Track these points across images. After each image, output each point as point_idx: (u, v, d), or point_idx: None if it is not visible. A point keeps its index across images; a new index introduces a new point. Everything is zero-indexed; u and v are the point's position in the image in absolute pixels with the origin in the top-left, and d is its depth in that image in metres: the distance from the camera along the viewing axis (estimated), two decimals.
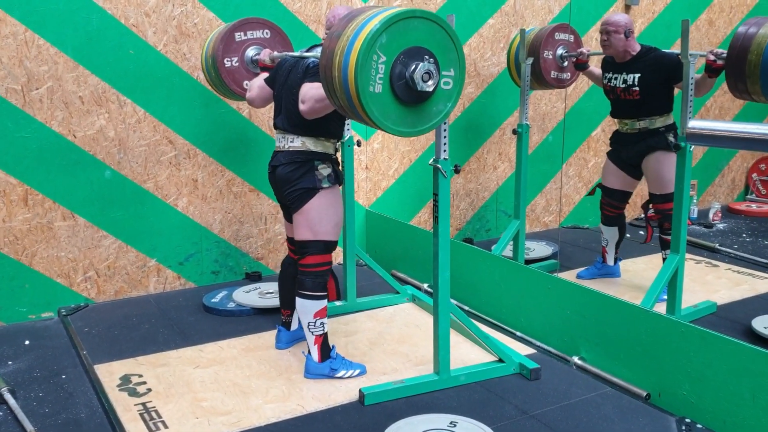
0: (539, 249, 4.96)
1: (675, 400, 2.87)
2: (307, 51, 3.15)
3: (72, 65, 3.92)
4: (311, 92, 2.91)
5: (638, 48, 3.93)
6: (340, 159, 3.64)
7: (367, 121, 2.50)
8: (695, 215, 5.77)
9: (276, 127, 3.20)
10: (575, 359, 3.32)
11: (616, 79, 3.99)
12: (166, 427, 2.78)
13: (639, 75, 3.87)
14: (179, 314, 4.00)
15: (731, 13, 6.29)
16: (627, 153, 4.05)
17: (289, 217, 3.28)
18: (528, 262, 4.52)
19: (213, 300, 4.09)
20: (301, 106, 2.95)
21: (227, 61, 3.66)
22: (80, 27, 3.91)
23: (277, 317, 3.85)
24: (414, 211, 5.20)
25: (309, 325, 3.12)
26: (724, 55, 3.38)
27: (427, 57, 2.45)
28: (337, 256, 4.88)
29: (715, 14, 6.19)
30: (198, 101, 4.29)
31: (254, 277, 4.58)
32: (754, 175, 6.66)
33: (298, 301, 3.13)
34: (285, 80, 3.14)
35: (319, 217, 3.08)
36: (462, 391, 3.07)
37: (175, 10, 4.14)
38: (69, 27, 3.88)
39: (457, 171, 2.98)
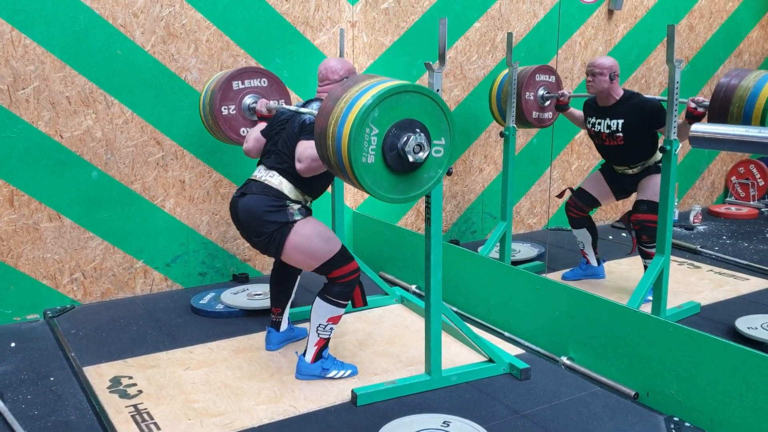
0: (525, 250, 5.00)
1: (663, 399, 2.92)
2: (303, 106, 3.16)
3: (59, 65, 3.89)
4: (308, 152, 2.95)
5: (621, 93, 3.99)
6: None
7: (359, 188, 2.57)
8: (676, 217, 5.86)
9: (262, 164, 3.19)
10: (564, 359, 3.36)
11: (599, 124, 4.04)
12: (158, 428, 2.77)
13: (622, 121, 3.92)
14: (167, 316, 3.99)
15: (711, 18, 6.40)
16: (622, 183, 4.13)
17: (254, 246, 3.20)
18: (514, 263, 4.56)
19: (201, 302, 4.08)
20: (298, 165, 2.99)
21: (224, 109, 3.71)
22: (67, 27, 3.88)
23: (266, 319, 3.86)
24: (401, 212, 5.22)
25: (319, 326, 3.11)
26: (705, 103, 3.46)
27: (418, 130, 2.53)
28: None
29: (696, 20, 6.29)
30: (186, 102, 4.27)
31: (241, 278, 4.57)
32: (733, 178, 6.78)
33: (319, 301, 3.10)
34: (280, 130, 3.17)
35: (309, 245, 3.04)
36: (453, 391, 3.09)
37: (163, 11, 4.13)
38: (56, 27, 3.85)
39: (449, 173, 3.00)
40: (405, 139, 2.50)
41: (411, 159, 2.51)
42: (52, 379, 3.23)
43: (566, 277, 4.36)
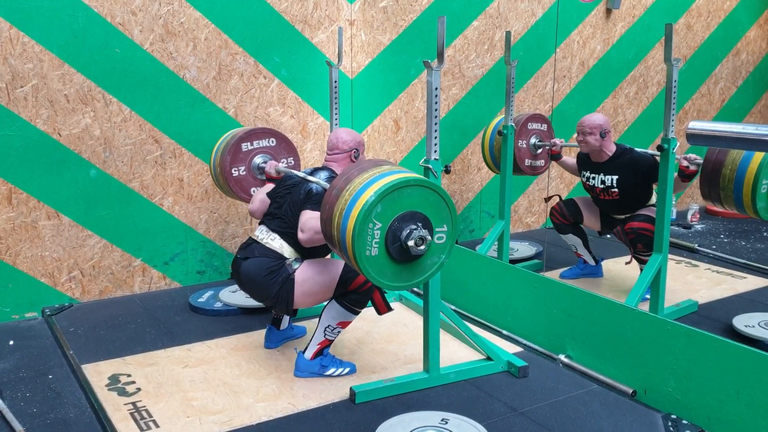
0: (523, 249, 5.01)
1: (661, 396, 2.93)
2: (311, 174, 3.19)
3: (57, 63, 3.89)
4: (311, 222, 2.97)
5: (614, 149, 3.98)
6: None
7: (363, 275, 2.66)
8: (674, 216, 5.87)
9: (264, 225, 3.20)
10: (562, 357, 3.37)
11: (594, 178, 4.04)
12: (157, 426, 2.77)
13: (617, 177, 3.92)
14: (166, 314, 3.99)
15: (709, 17, 6.40)
16: (616, 222, 4.11)
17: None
18: (512, 262, 4.57)
19: (200, 300, 4.08)
20: (301, 235, 3.00)
21: (235, 170, 3.80)
22: (66, 25, 3.88)
23: (264, 317, 3.86)
24: None
25: (327, 327, 3.12)
26: (698, 161, 3.51)
27: (420, 223, 2.59)
28: None
29: (693, 19, 6.30)
30: (184, 100, 4.27)
31: None
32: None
33: (334, 304, 3.09)
34: (286, 194, 3.19)
35: (315, 285, 3.06)
36: (451, 388, 3.10)
37: (161, 9, 4.13)
38: (54, 25, 3.85)
39: (447, 171, 3.01)
40: (407, 232, 2.57)
41: (413, 252, 2.58)
42: (50, 376, 3.23)
43: (564, 276, 4.37)
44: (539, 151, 4.56)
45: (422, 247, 2.58)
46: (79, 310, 4.05)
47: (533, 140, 4.53)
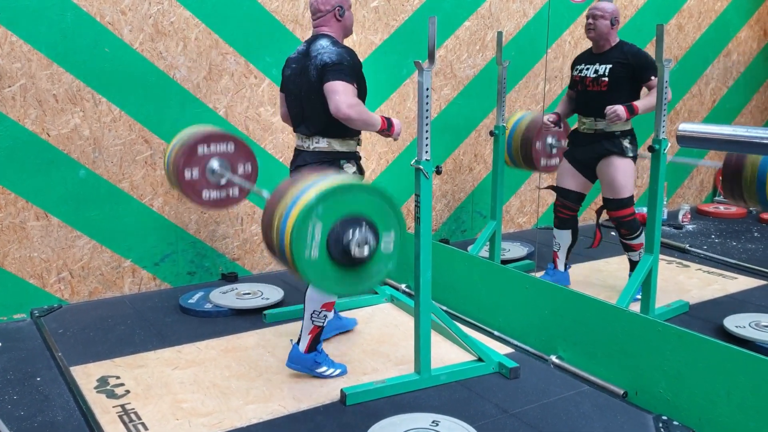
0: (514, 249, 5.01)
1: (652, 398, 2.92)
2: (309, 45, 3.11)
3: (46, 63, 3.86)
4: (338, 97, 2.91)
5: (617, 40, 3.96)
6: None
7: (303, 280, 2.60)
8: (665, 216, 5.88)
9: (299, 132, 3.20)
10: (553, 358, 3.36)
11: (587, 69, 4.00)
12: (146, 428, 2.75)
13: (610, 66, 3.89)
14: (155, 315, 3.96)
15: (700, 18, 6.42)
16: (583, 154, 4.05)
17: None
18: (504, 262, 4.56)
19: (190, 301, 4.06)
20: (343, 111, 2.92)
21: (187, 171, 3.55)
22: (54, 24, 3.85)
23: (255, 317, 3.85)
24: None
25: (313, 313, 3.09)
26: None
27: (365, 227, 2.48)
28: None
29: (685, 19, 6.31)
30: (174, 100, 4.25)
31: (230, 278, 4.55)
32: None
33: (312, 288, 3.09)
34: (298, 84, 3.12)
35: None
36: (443, 390, 3.09)
37: (151, 9, 4.10)
38: (43, 24, 3.82)
39: (438, 172, 3.00)
40: (350, 234, 2.46)
41: (355, 254, 2.47)
42: (38, 379, 3.21)
43: None
44: (554, 150, 4.53)
45: (366, 252, 2.49)
46: (68, 311, 4.02)
47: (549, 140, 4.50)
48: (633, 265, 4.01)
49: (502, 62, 4.42)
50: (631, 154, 3.91)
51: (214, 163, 3.59)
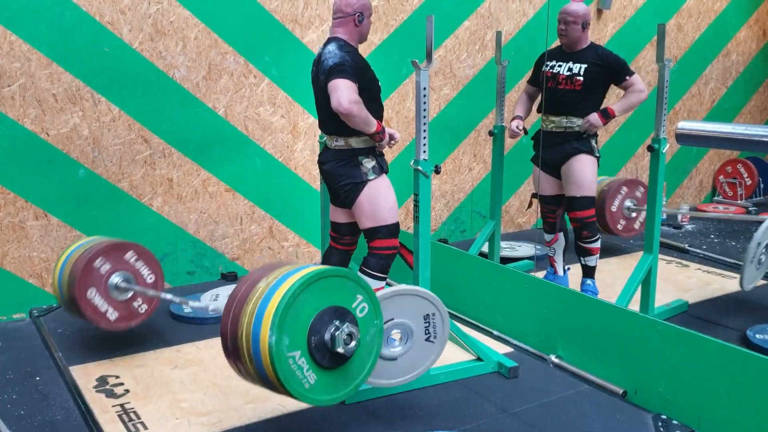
0: (523, 249, 5.01)
1: (651, 397, 2.92)
2: (323, 49, 3.21)
3: (45, 62, 3.85)
4: (341, 93, 3.00)
5: (589, 42, 3.96)
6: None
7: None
8: (664, 216, 5.89)
9: (323, 131, 3.38)
10: (552, 357, 3.36)
11: (560, 66, 3.96)
12: (145, 428, 2.75)
13: (586, 66, 3.87)
14: (155, 314, 3.92)
15: (699, 18, 6.42)
16: (551, 156, 4.01)
17: (334, 202, 3.46)
18: (508, 260, 4.56)
19: (186, 311, 3.93)
20: (339, 108, 3.00)
21: (90, 292, 3.21)
22: (54, 23, 3.85)
23: None
24: None
25: None
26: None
27: (335, 320, 2.34)
28: (315, 254, 4.88)
29: (684, 19, 6.32)
30: (174, 100, 4.25)
31: (230, 277, 4.55)
32: (721, 177, 6.82)
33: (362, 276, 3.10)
34: (315, 88, 3.29)
35: (373, 206, 3.25)
36: (442, 389, 3.09)
37: (150, 8, 4.10)
38: (42, 23, 3.82)
39: (437, 171, 3.00)
40: (330, 339, 2.32)
41: (348, 353, 2.35)
42: (38, 378, 3.21)
43: None
44: (633, 214, 4.70)
45: (353, 344, 2.35)
46: None
47: (627, 203, 4.68)
48: (588, 270, 4.04)
49: (501, 62, 4.42)
50: (597, 154, 3.95)
51: (117, 278, 3.29)
